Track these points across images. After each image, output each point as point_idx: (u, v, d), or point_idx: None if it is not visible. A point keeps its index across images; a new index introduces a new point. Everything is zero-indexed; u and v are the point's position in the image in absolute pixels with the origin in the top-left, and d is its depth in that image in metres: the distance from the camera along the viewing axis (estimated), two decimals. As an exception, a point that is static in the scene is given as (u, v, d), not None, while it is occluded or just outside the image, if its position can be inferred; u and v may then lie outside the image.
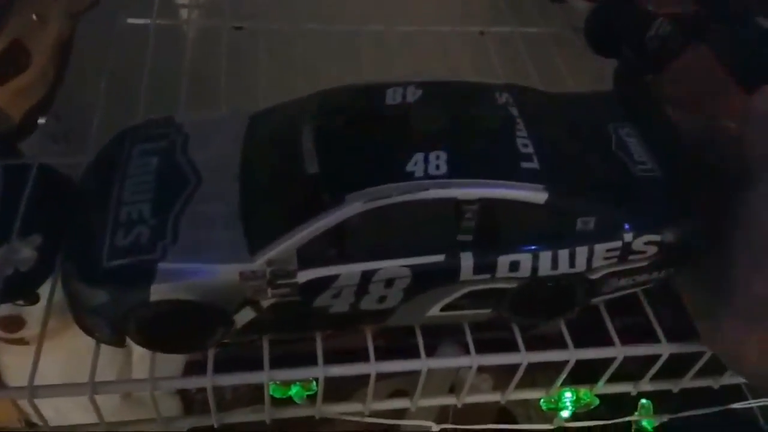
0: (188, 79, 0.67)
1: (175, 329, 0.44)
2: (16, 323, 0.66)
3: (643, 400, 0.58)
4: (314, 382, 0.52)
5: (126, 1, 0.71)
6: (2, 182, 0.49)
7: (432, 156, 0.43)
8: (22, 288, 0.49)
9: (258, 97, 0.65)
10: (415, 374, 0.49)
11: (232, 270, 0.42)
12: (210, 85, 0.69)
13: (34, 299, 0.57)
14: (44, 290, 0.50)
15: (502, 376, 0.56)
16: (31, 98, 0.53)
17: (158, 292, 0.41)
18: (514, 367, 0.50)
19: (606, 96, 0.56)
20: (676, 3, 0.65)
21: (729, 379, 0.55)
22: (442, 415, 0.77)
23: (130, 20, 0.71)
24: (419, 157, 0.43)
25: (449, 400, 0.53)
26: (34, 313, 0.47)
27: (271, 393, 0.51)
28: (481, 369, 0.49)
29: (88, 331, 0.45)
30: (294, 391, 0.51)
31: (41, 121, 0.55)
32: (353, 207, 0.41)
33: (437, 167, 0.42)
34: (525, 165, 0.44)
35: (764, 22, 0.57)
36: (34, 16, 0.54)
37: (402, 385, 0.66)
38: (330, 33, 0.75)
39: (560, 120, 0.50)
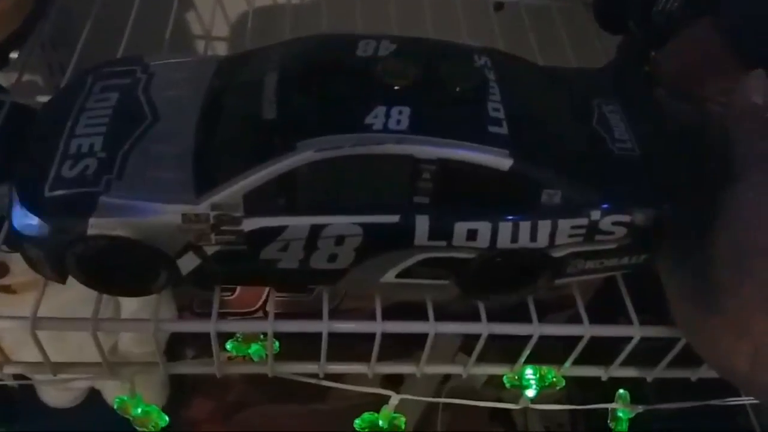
0: (175, 18, 0.65)
1: (117, 269, 0.43)
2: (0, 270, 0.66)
3: (621, 390, 0.56)
4: (276, 342, 0.50)
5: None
6: None
7: (394, 111, 0.40)
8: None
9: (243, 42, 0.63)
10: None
11: (174, 210, 0.40)
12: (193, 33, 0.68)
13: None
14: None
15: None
16: (2, 31, 0.52)
17: (96, 225, 0.40)
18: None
19: (597, 72, 0.54)
20: None
21: (707, 372, 0.52)
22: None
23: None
24: (381, 110, 0.40)
25: (408, 369, 0.51)
26: (19, 260, 0.45)
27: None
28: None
29: (31, 264, 0.44)
30: (253, 349, 0.50)
31: (13, 55, 0.54)
32: (304, 155, 0.39)
33: (398, 122, 0.40)
34: (492, 129, 0.41)
35: None
36: None
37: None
38: None
39: (541, 90, 0.47)
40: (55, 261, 0.42)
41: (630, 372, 0.52)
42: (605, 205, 0.43)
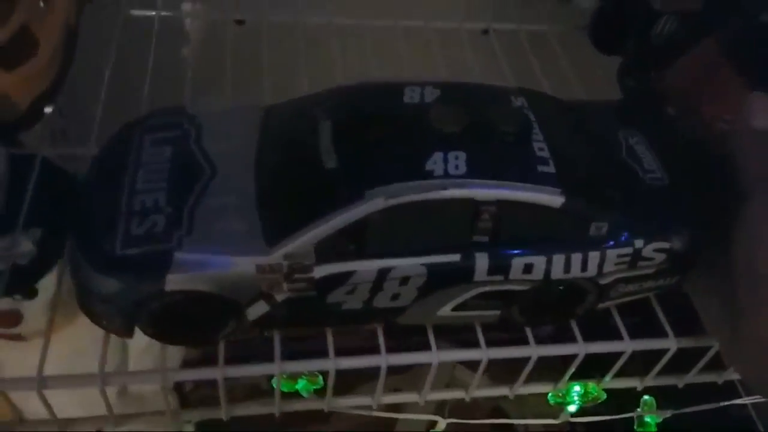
0: (191, 71, 0.66)
1: (187, 320, 0.44)
2: (13, 318, 0.65)
3: (646, 397, 0.59)
4: (320, 377, 0.52)
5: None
6: (8, 172, 0.48)
7: (451, 156, 0.43)
8: (20, 282, 0.48)
9: (260, 91, 0.65)
10: (411, 373, 0.49)
11: (248, 262, 0.42)
12: (212, 79, 0.69)
13: (32, 294, 0.56)
14: (42, 285, 0.49)
15: (498, 375, 0.57)
16: (38, 86, 0.52)
17: (173, 281, 0.41)
18: (510, 366, 0.50)
19: (615, 104, 0.57)
20: (682, 0, 0.66)
21: (732, 374, 0.56)
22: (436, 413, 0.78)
23: (133, 12, 0.70)
24: (439, 156, 0.43)
25: (458, 394, 0.53)
26: (32, 309, 0.45)
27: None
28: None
29: (97, 320, 0.45)
30: (301, 385, 0.51)
31: (48, 110, 0.54)
32: (373, 203, 0.41)
33: (456, 167, 0.42)
34: (542, 168, 0.44)
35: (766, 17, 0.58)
36: (41, 2, 0.53)
37: (398, 384, 0.67)
38: (332, 27, 0.74)
39: (573, 126, 0.50)
40: (126, 317, 0.43)
41: (662, 380, 0.56)
42: (648, 234, 0.46)
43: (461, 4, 0.83)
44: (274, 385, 0.52)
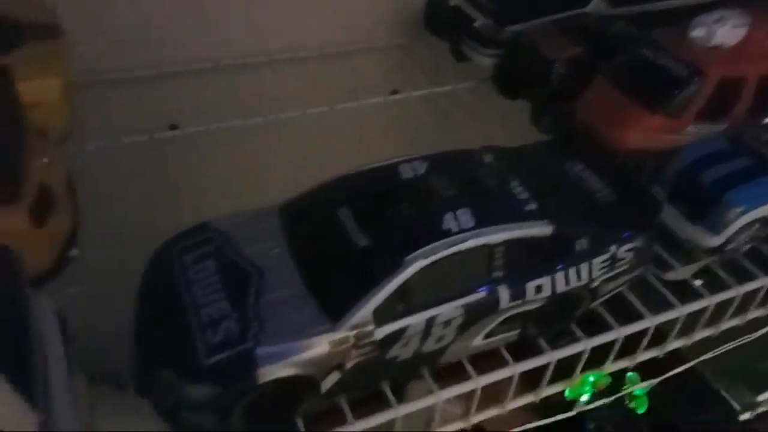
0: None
1: (272, 407, 0.49)
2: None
3: (630, 374, 0.69)
4: None
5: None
6: None
7: (459, 213, 0.52)
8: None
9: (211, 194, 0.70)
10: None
11: (322, 341, 0.48)
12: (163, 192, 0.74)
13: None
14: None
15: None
16: (62, 234, 0.56)
17: (264, 374, 0.47)
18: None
19: (549, 143, 0.69)
20: (568, 48, 0.80)
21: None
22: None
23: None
24: (449, 216, 0.52)
25: (495, 411, 0.61)
26: None
27: None
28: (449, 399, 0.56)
29: (193, 430, 0.49)
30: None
31: (74, 253, 0.58)
32: (414, 266, 0.50)
33: (467, 222, 0.52)
34: (527, 207, 0.55)
35: (648, 53, 0.73)
36: (45, 159, 0.57)
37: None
38: (248, 126, 0.80)
39: (532, 168, 0.61)
40: (223, 418, 0.48)
41: (645, 356, 0.67)
42: (619, 240, 0.57)
43: (378, 80, 0.94)
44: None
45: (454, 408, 0.83)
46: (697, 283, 0.69)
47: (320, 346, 0.48)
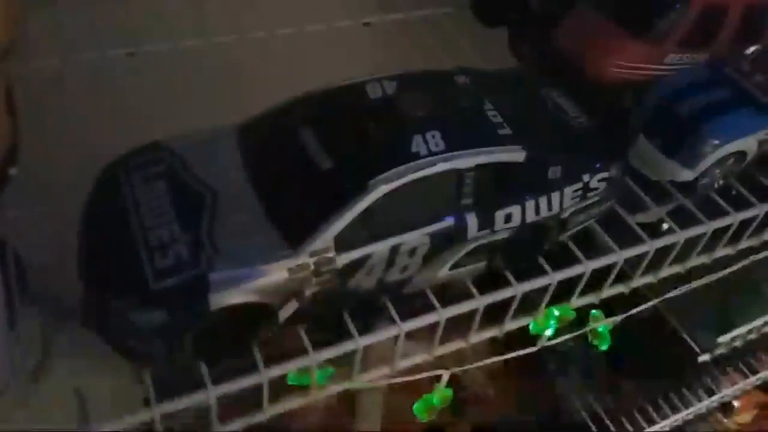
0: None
1: (225, 335, 0.47)
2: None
3: (594, 311, 0.69)
4: (330, 368, 0.56)
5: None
6: None
7: (428, 136, 0.49)
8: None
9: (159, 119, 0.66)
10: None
11: (279, 267, 0.45)
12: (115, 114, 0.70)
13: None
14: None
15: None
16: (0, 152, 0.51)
17: (216, 300, 0.44)
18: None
19: (528, 69, 0.66)
20: None
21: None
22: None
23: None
24: (418, 138, 0.49)
25: (459, 344, 0.59)
26: None
27: (291, 383, 0.54)
28: (411, 336, 0.54)
29: (142, 358, 0.46)
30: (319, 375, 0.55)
31: (12, 172, 0.53)
32: (378, 191, 0.47)
33: (436, 145, 0.49)
34: (501, 131, 0.52)
35: None
36: None
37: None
38: (213, 47, 0.75)
39: (508, 92, 0.58)
40: (169, 346, 0.45)
41: (612, 291, 0.66)
42: (591, 168, 0.55)
43: (351, 2, 0.89)
44: (292, 382, 0.56)
45: (418, 346, 0.82)
46: (665, 226, 0.68)
47: (277, 272, 0.45)
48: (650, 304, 0.76)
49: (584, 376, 1.03)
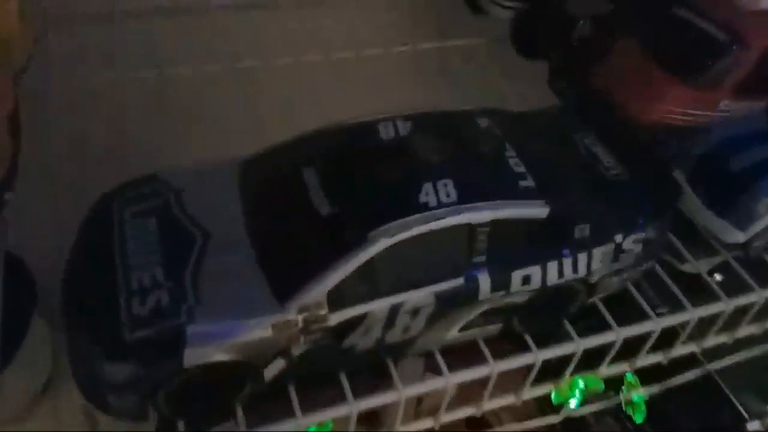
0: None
1: (205, 393, 0.43)
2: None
3: (628, 375, 0.62)
4: (330, 423, 0.51)
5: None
6: None
7: (440, 185, 0.44)
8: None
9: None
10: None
11: (263, 323, 0.41)
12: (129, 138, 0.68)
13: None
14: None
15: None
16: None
17: (192, 356, 0.40)
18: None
19: (562, 109, 0.61)
20: (596, 4, 0.71)
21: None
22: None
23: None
24: (428, 187, 0.44)
25: (469, 411, 0.54)
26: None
27: None
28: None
29: (109, 410, 0.43)
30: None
31: (8, 197, 0.51)
32: (379, 243, 0.42)
33: (447, 195, 0.44)
34: (523, 183, 0.47)
35: (684, 13, 0.64)
36: None
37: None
38: (242, 70, 0.73)
39: (535, 136, 0.53)
40: (143, 401, 0.42)
41: (647, 360, 0.59)
42: (626, 228, 0.49)
43: (382, 29, 0.86)
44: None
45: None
46: (717, 278, 0.61)
47: (260, 328, 0.41)
48: (695, 372, 0.69)
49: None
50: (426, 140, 0.47)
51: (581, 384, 0.55)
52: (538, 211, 0.46)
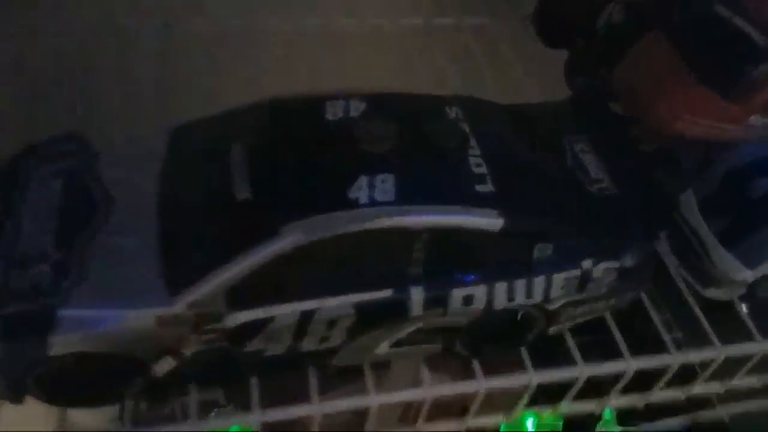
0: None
1: (85, 382, 0.38)
2: None
3: (607, 411, 0.55)
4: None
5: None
6: None
7: (378, 180, 0.38)
8: None
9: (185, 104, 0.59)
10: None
11: (146, 315, 0.36)
12: (135, 89, 0.63)
13: None
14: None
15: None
16: None
17: (59, 344, 0.35)
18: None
19: (561, 106, 0.53)
20: None
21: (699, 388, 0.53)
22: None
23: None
24: (364, 180, 0.38)
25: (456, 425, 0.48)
26: None
27: None
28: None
29: None
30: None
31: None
32: (290, 240, 0.36)
33: (384, 192, 0.38)
34: (479, 188, 0.40)
35: (722, 10, 0.55)
36: None
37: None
38: (264, 30, 0.68)
39: (514, 135, 0.46)
40: (13, 383, 0.37)
41: (622, 402, 0.52)
42: (597, 254, 0.42)
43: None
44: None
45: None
46: (744, 308, 0.53)
47: (141, 321, 0.36)
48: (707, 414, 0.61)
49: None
50: (374, 126, 0.41)
51: (531, 420, 0.48)
52: (490, 222, 0.39)
